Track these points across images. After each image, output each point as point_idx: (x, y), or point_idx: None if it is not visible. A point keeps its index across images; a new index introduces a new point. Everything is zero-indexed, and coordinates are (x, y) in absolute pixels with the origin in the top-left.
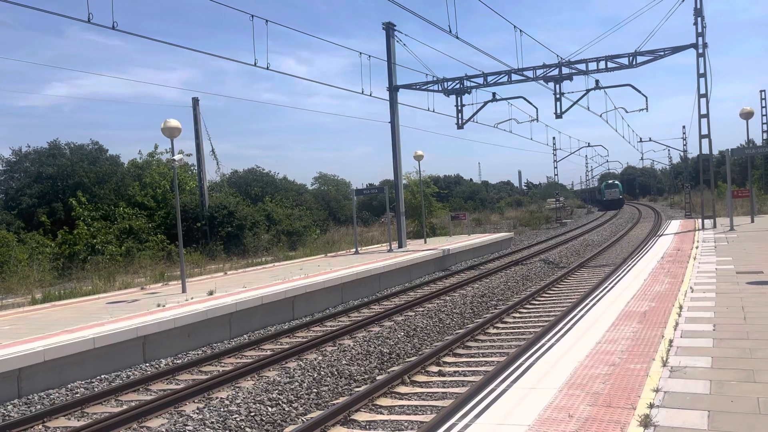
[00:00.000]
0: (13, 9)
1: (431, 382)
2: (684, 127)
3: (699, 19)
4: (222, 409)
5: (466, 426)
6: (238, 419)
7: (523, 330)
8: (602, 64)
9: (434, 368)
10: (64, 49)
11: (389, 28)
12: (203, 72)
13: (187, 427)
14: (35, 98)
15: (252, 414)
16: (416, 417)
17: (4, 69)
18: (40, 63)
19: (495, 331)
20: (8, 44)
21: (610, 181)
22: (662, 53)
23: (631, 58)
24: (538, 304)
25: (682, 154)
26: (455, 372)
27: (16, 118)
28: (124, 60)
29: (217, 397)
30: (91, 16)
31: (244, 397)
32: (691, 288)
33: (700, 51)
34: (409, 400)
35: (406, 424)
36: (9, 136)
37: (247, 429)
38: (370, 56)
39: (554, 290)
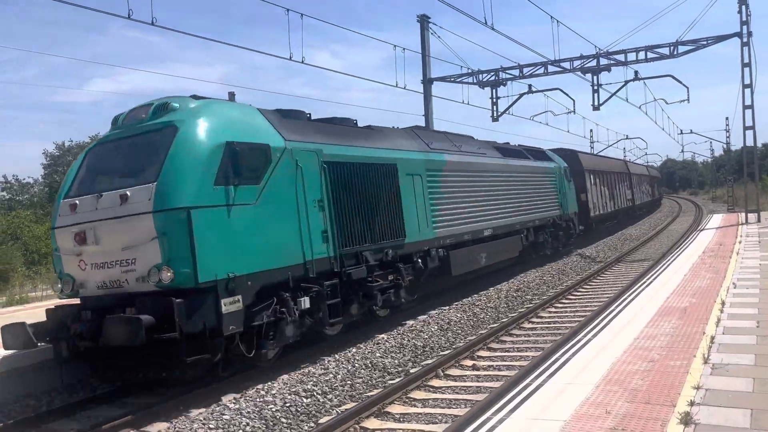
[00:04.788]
0: (58, 6)
1: (465, 376)
2: (727, 118)
3: (743, 7)
4: (258, 400)
5: (501, 420)
6: (273, 410)
7: (558, 325)
8: (642, 55)
9: (468, 362)
10: (106, 46)
11: (424, 21)
12: (240, 67)
13: (224, 416)
14: (77, 93)
15: (287, 405)
16: (450, 411)
17: (48, 65)
18: (82, 59)
19: (530, 325)
20: (52, 41)
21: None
22: (705, 43)
23: (672, 47)
24: (575, 299)
25: (724, 146)
26: (489, 366)
27: (59, 114)
28: (164, 56)
29: (253, 388)
30: (132, 12)
31: (279, 388)
32: (733, 284)
33: (745, 40)
34: (443, 393)
35: (440, 417)
36: (52, 130)
37: (282, 419)
38: (404, 49)
39: (591, 285)
